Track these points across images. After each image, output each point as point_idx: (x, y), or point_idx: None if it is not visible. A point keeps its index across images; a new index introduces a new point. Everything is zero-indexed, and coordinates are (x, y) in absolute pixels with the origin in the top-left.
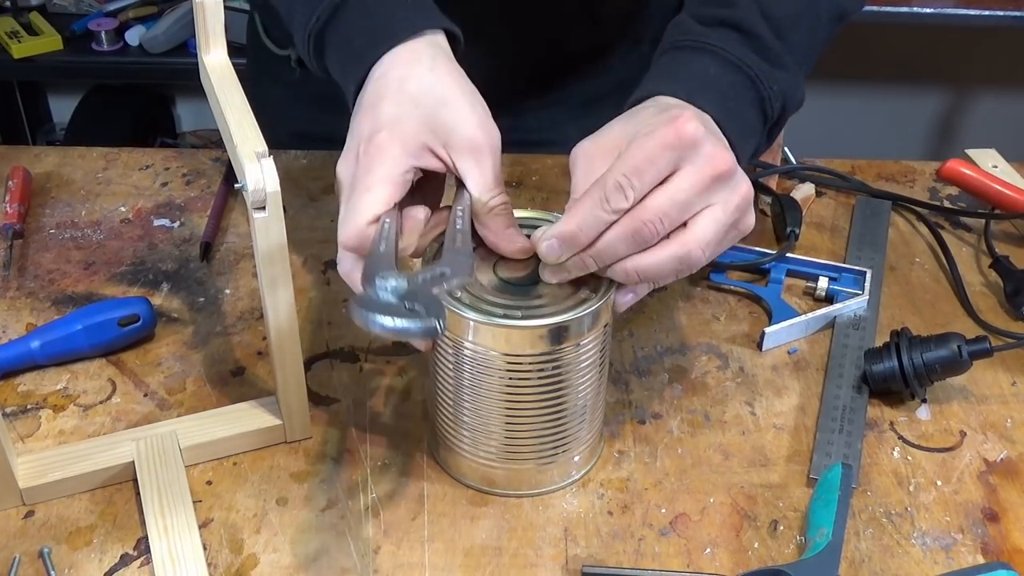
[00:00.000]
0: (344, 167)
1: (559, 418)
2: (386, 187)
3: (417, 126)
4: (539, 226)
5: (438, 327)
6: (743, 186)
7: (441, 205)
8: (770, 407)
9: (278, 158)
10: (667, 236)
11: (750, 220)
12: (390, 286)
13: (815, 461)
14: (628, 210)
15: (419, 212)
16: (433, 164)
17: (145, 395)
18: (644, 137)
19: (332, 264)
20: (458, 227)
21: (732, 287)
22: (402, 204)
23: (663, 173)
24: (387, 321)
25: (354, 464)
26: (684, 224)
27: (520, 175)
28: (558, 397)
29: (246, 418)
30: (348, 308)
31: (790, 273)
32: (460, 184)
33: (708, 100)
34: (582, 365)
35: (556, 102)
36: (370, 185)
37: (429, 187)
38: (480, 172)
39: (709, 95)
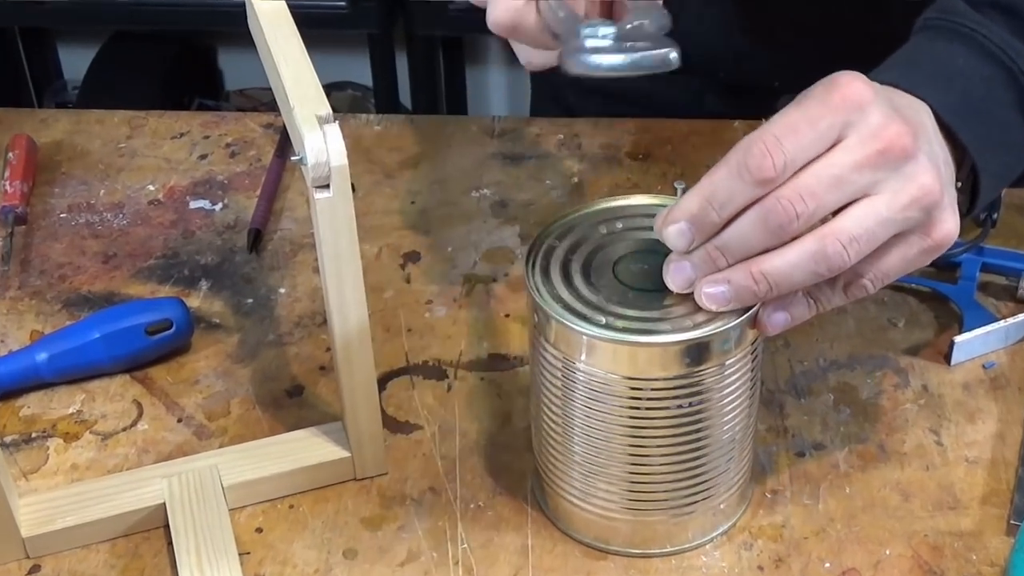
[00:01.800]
0: None
1: (698, 457)
2: None
3: None
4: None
5: (673, 54)
6: (923, 177)
7: None
8: (961, 435)
9: (345, 123)
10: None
11: (942, 228)
12: (601, 32)
13: (1017, 503)
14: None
15: None
16: None
17: (179, 420)
18: (802, 98)
19: (413, 256)
20: None
21: (913, 285)
22: None
23: (823, 141)
24: (617, 59)
25: (440, 507)
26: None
27: (648, 145)
28: (697, 431)
29: (305, 449)
30: (562, 60)
31: (986, 268)
32: None
33: (938, 92)
34: (727, 390)
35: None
36: None
37: None
38: None
39: (941, 87)
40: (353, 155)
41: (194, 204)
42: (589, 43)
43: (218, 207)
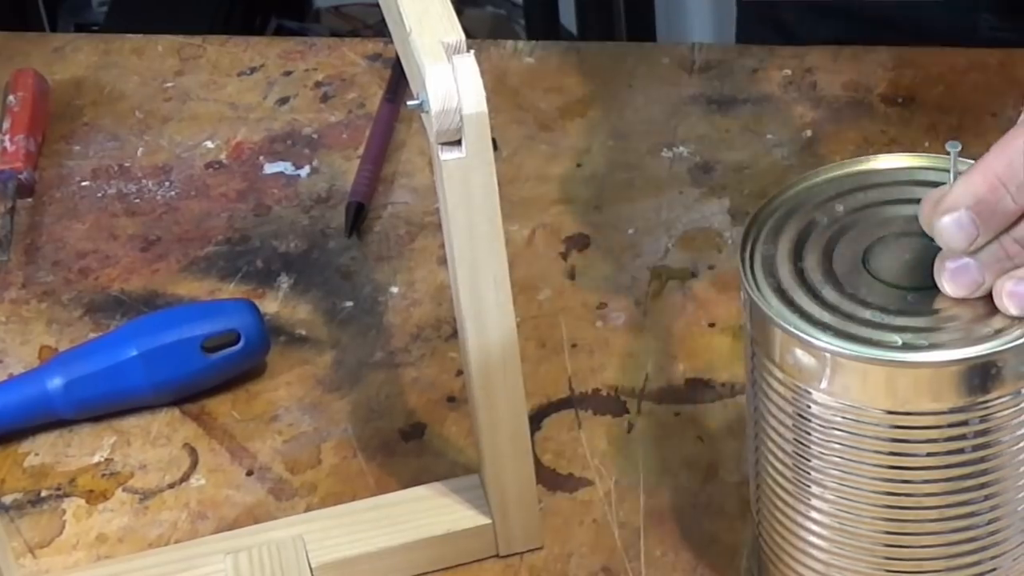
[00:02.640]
0: None
1: (985, 524)
2: None
3: None
4: (936, 183)
5: None
6: None
7: None
8: None
9: (484, 54)
10: None
11: None
12: None
13: None
14: None
15: None
16: None
17: (249, 473)
18: None
19: (579, 242)
20: None
21: None
22: None
23: None
24: None
25: None
26: None
27: (910, 85)
28: (983, 488)
29: (429, 513)
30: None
31: None
32: None
33: None
34: None
35: None
36: None
37: None
38: None
39: None
40: (495, 99)
41: (270, 168)
42: None
43: (304, 172)
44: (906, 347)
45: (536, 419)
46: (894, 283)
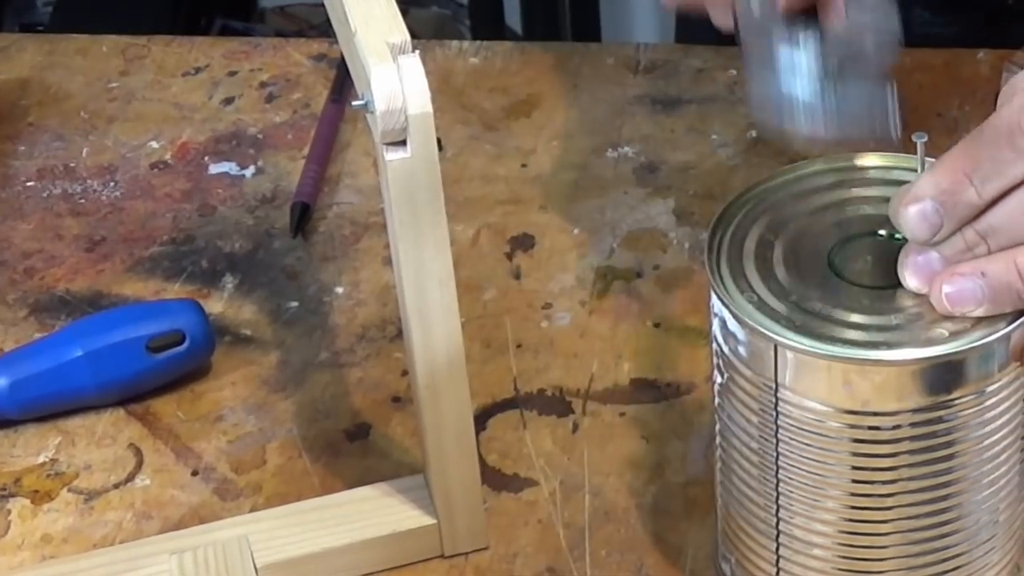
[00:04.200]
0: None
1: (946, 524)
2: None
3: None
4: (903, 182)
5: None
6: None
7: None
8: None
9: (429, 54)
10: None
11: None
12: (802, 43)
13: None
14: None
15: None
16: None
17: (194, 473)
18: None
19: (524, 242)
20: None
21: None
22: None
23: None
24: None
25: None
26: None
27: None
28: (945, 489)
29: (374, 513)
30: (749, 92)
31: None
32: None
33: None
34: (988, 428)
35: None
36: None
37: None
38: None
39: None
40: (440, 99)
41: (215, 168)
42: (783, 59)
43: (249, 172)
44: (870, 346)
45: (481, 419)
46: (859, 282)
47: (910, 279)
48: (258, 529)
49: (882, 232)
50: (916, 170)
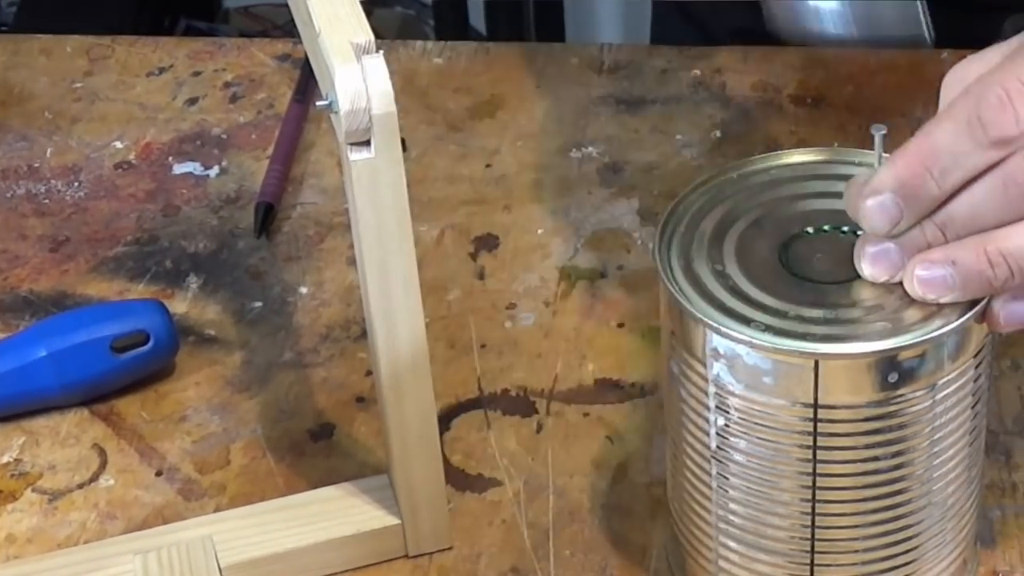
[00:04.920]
0: None
1: (898, 519)
2: None
3: None
4: (850, 176)
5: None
6: None
7: None
8: None
9: (393, 54)
10: None
11: None
12: None
13: None
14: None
15: None
16: None
17: (158, 473)
18: None
19: (488, 242)
20: None
21: None
22: None
23: None
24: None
25: None
26: None
27: (820, 86)
28: (897, 483)
29: (338, 514)
30: None
31: None
32: None
33: None
34: (939, 423)
35: None
36: None
37: None
38: None
39: None
40: (404, 99)
41: (179, 168)
42: None
43: (213, 172)
44: (823, 339)
45: (445, 419)
46: (811, 277)
47: (867, 268)
48: (222, 529)
49: (835, 226)
50: (872, 165)
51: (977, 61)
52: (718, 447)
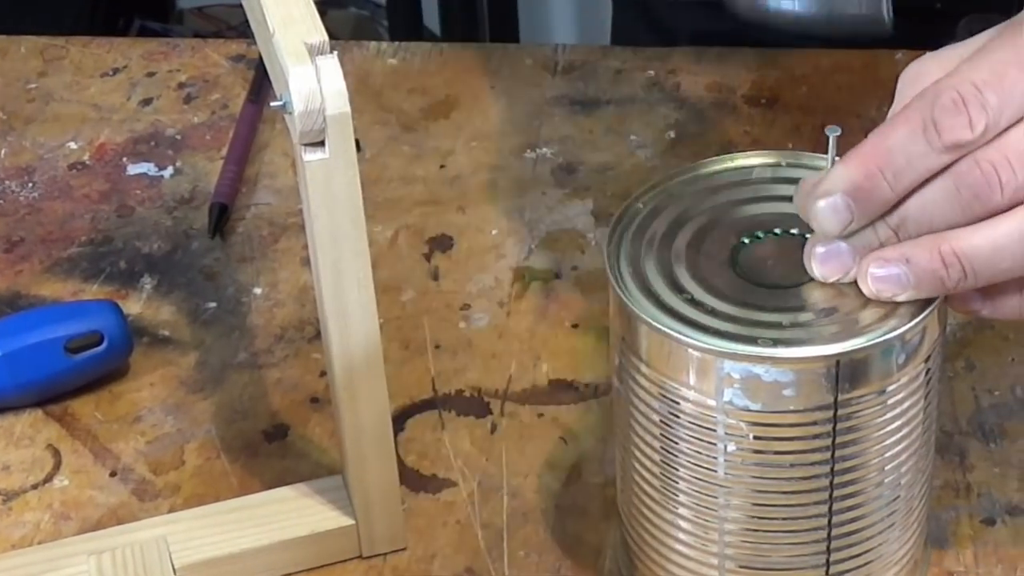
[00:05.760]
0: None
1: (849, 522)
2: None
3: None
4: (799, 178)
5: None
6: None
7: None
8: None
9: (347, 55)
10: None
11: None
12: None
13: None
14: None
15: None
16: None
17: (113, 474)
18: (1008, 36)
19: (442, 243)
20: None
21: None
22: None
23: None
24: None
25: None
26: None
27: (774, 86)
28: (846, 487)
29: (292, 514)
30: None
31: None
32: None
33: None
34: (890, 428)
35: None
36: None
37: None
38: None
39: None
40: (359, 100)
41: (133, 169)
42: None
43: (167, 173)
44: (771, 343)
45: (399, 420)
46: (760, 280)
47: (817, 270)
48: (176, 530)
49: (785, 229)
50: (824, 167)
51: (933, 60)
52: (726, 473)
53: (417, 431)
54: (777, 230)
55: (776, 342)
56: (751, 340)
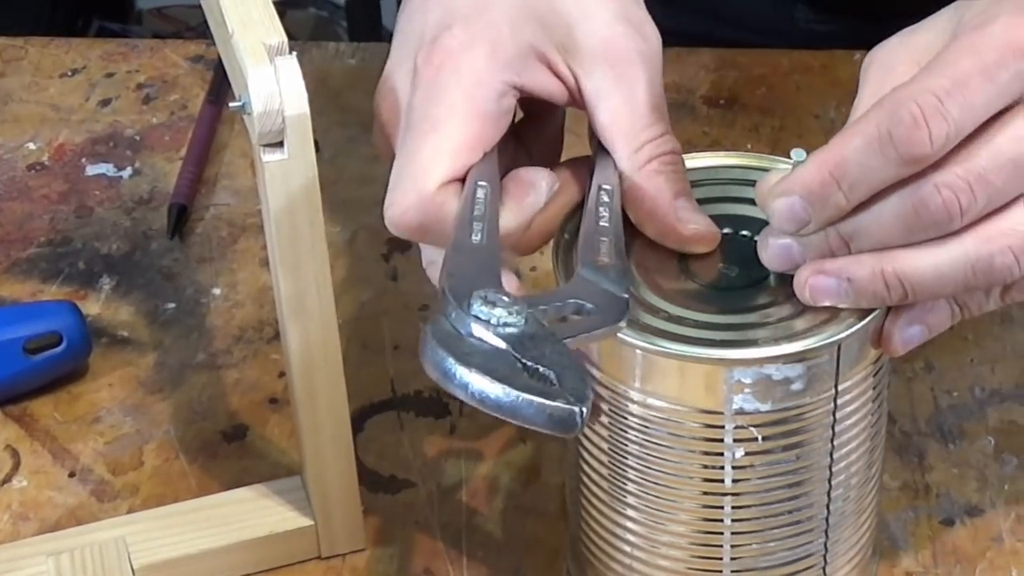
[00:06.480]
0: (389, 92)
1: (798, 523)
2: (467, 123)
3: (517, 17)
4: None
5: (578, 418)
6: None
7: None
8: None
9: (306, 55)
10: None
11: None
12: (496, 316)
13: None
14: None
15: (534, 175)
16: (545, 84)
17: (71, 475)
18: (973, 34)
19: (401, 242)
20: (602, 219)
21: None
22: (501, 160)
23: (1001, 101)
24: (485, 384)
25: None
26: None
27: (733, 87)
28: (795, 488)
29: (251, 515)
30: (421, 345)
31: None
32: (596, 140)
33: None
34: (840, 428)
35: None
36: (438, 121)
37: (538, 133)
38: (624, 98)
39: None
40: (317, 100)
41: (92, 170)
42: (466, 326)
43: (126, 173)
44: (720, 345)
45: (358, 420)
46: (710, 282)
47: (766, 260)
48: (135, 530)
49: (736, 232)
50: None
51: (901, 46)
52: (613, 454)
53: (376, 431)
54: (731, 231)
55: (777, 339)
56: (751, 343)
